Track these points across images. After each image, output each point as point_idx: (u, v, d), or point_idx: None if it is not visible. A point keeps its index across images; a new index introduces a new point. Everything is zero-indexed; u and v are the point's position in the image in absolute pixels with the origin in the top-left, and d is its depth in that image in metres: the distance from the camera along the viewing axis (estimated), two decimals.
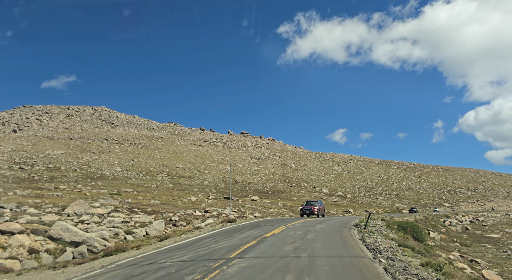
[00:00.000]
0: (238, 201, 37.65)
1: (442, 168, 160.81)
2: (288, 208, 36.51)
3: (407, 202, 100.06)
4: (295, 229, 17.85)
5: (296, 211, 34.83)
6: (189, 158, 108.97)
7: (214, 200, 35.84)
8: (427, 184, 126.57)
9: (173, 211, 21.62)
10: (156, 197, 36.44)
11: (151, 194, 43.10)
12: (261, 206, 34.55)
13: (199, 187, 77.17)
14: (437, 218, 44.74)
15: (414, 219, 33.52)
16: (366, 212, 50.47)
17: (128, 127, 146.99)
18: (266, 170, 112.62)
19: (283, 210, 33.17)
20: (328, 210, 41.78)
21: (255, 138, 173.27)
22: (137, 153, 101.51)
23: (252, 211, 27.69)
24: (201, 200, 32.08)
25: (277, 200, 66.65)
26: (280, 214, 29.19)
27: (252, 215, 24.05)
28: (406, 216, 39.82)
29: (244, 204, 34.16)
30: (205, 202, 31.46)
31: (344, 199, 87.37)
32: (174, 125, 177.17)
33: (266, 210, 31.43)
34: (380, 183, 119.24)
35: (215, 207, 27.37)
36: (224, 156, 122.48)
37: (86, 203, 15.70)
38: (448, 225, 39.90)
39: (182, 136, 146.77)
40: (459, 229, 38.10)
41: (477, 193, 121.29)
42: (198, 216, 20.41)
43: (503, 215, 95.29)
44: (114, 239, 12.07)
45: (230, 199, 23.18)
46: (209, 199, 37.10)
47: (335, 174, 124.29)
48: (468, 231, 35.72)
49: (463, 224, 43.13)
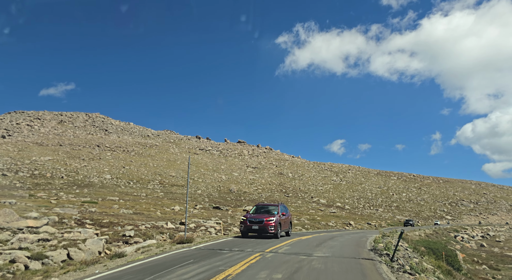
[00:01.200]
0: (228, 211, 34.40)
1: (443, 180, 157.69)
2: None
3: (408, 214, 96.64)
4: (275, 262, 10.34)
5: (293, 223, 31.83)
6: (182, 166, 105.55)
7: (201, 210, 32.61)
8: (428, 195, 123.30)
9: (141, 222, 18.36)
10: (136, 206, 33.25)
11: (133, 203, 39.80)
12: None
13: (191, 196, 73.67)
14: (446, 232, 41.54)
15: (425, 234, 30.62)
16: (369, 224, 46.63)
17: (122, 134, 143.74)
18: (262, 179, 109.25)
19: None
20: (326, 222, 38.46)
21: (252, 147, 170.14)
22: (129, 160, 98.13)
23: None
24: (185, 210, 28.89)
25: None
26: None
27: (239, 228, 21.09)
28: (414, 230, 36.98)
29: (234, 214, 30.92)
30: (190, 212, 28.17)
31: (343, 210, 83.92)
32: (169, 133, 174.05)
33: None
34: (379, 194, 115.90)
35: (200, 217, 24.14)
36: (220, 164, 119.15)
37: (15, 213, 12.60)
38: (460, 241, 36.72)
39: (177, 144, 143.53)
40: (474, 245, 34.89)
41: (479, 206, 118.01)
42: (168, 230, 17.17)
43: (508, 229, 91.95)
44: (2, 271, 8.21)
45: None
46: (196, 208, 33.84)
47: (333, 184, 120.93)
48: (485, 248, 32.51)
49: (475, 239, 39.98)
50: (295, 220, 34.72)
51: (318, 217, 46.43)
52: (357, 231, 30.74)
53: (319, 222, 37.37)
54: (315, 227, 32.12)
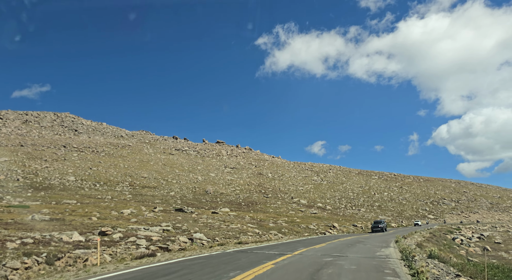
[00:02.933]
0: (192, 213, 29.75)
1: (423, 179, 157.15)
2: (257, 223, 28.84)
3: (390, 214, 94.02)
4: None
5: (266, 226, 27.04)
6: (156, 166, 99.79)
7: (160, 213, 27.85)
8: (410, 194, 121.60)
9: (29, 235, 13.49)
10: (79, 210, 28.22)
11: (81, 206, 34.58)
12: (221, 220, 26.74)
13: (163, 198, 68.35)
14: (443, 234, 38.15)
15: (425, 239, 27.15)
16: (355, 226, 42.73)
17: (94, 134, 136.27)
18: (240, 180, 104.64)
19: (249, 226, 25.49)
20: (307, 225, 34.18)
21: (231, 148, 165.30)
22: (97, 161, 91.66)
23: (202, 228, 19.87)
24: (137, 214, 24.11)
25: (249, 212, 58.75)
26: (240, 232, 21.46)
27: (197, 233, 16.32)
28: (412, 234, 33.95)
29: (198, 218, 26.35)
30: (143, 216, 23.49)
31: (324, 211, 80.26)
32: (145, 134, 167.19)
33: (225, 225, 23.65)
34: (361, 194, 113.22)
35: (148, 222, 19.44)
36: (196, 165, 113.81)
37: None
38: (460, 244, 33.37)
39: (152, 144, 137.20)
40: (478, 249, 31.51)
41: (460, 204, 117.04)
42: (58, 247, 12.24)
43: (491, 227, 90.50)
44: None
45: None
46: (154, 211, 29.03)
47: (314, 184, 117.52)
48: (491, 254, 29.10)
49: (474, 241, 36.82)
50: (271, 223, 30.35)
51: (297, 219, 42.18)
52: (349, 238, 26.97)
53: (298, 225, 33.19)
54: (294, 231, 27.92)
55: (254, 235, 21.26)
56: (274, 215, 47.24)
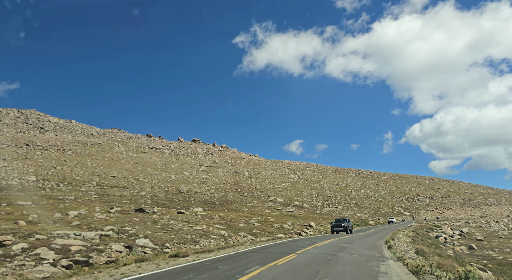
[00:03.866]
0: (154, 214, 26.81)
1: (398, 176, 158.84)
2: (226, 223, 26.23)
3: (367, 211, 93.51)
4: None
5: (236, 226, 24.38)
6: (127, 165, 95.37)
7: (116, 214, 24.87)
8: (385, 191, 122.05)
9: None
10: (16, 212, 24.86)
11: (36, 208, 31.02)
12: (185, 221, 23.96)
13: (132, 198, 64.63)
14: (425, 232, 36.82)
15: (406, 234, 25.43)
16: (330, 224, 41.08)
17: (61, 132, 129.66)
18: (216, 178, 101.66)
19: (216, 227, 22.88)
20: (281, 224, 31.74)
21: (207, 146, 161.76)
22: (62, 160, 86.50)
23: (156, 231, 17.00)
24: (86, 215, 21.08)
25: (223, 211, 56.10)
26: (203, 235, 18.67)
27: (141, 239, 13.57)
28: (397, 233, 31.73)
29: (160, 219, 23.49)
30: (91, 218, 20.45)
31: (301, 209, 78.55)
32: (117, 132, 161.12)
33: (188, 227, 20.88)
34: (338, 191, 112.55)
35: (92, 225, 16.50)
36: (170, 163, 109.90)
37: None
38: (444, 242, 31.93)
39: (124, 143, 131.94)
40: (465, 249, 30.11)
41: (434, 201, 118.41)
42: None
43: (464, 223, 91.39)
44: None
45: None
46: (110, 211, 25.98)
47: (291, 182, 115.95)
48: (478, 253, 27.44)
49: (455, 239, 35.59)
50: (242, 223, 27.71)
51: (272, 218, 39.80)
52: (327, 242, 21.90)
53: (272, 225, 30.81)
54: (266, 232, 25.50)
55: (218, 238, 18.67)
56: (247, 214, 44.77)
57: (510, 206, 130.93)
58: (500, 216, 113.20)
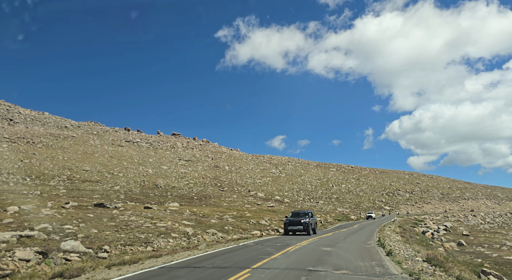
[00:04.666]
0: (115, 209, 24.13)
1: (379, 171, 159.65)
2: (196, 219, 23.81)
3: (348, 206, 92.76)
4: None
5: (207, 223, 21.92)
6: (101, 159, 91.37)
7: (70, 210, 22.16)
8: (366, 186, 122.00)
9: None
10: None
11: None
12: (149, 217, 21.42)
13: (104, 192, 61.28)
14: (411, 227, 35.46)
15: (393, 230, 23.65)
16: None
17: (33, 125, 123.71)
18: (195, 173, 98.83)
19: (183, 223, 20.48)
20: (258, 220, 29.43)
21: (187, 140, 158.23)
22: (31, 153, 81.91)
23: (105, 230, 14.45)
24: (30, 212, 18.28)
25: (201, 206, 53.67)
26: (162, 233, 15.98)
27: (71, 241, 10.94)
28: (383, 229, 29.41)
29: (119, 215, 20.87)
30: (36, 214, 17.71)
31: (281, 204, 76.84)
32: (93, 125, 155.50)
33: (150, 224, 18.36)
34: (319, 186, 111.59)
35: (27, 223, 13.90)
36: (148, 157, 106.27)
37: None
38: (431, 237, 30.65)
39: (100, 136, 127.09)
40: (454, 245, 28.74)
41: (414, 195, 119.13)
42: None
43: (443, 217, 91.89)
44: None
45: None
46: (65, 207, 23.21)
47: (272, 176, 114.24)
48: (468, 249, 25.95)
49: (441, 234, 34.40)
50: (215, 219, 25.21)
51: (248, 213, 37.48)
52: (304, 244, 17.84)
53: (248, 220, 28.58)
54: (240, 229, 23.23)
55: (180, 236, 16.28)
56: (224, 210, 42.47)
57: (486, 200, 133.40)
58: (477, 210, 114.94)
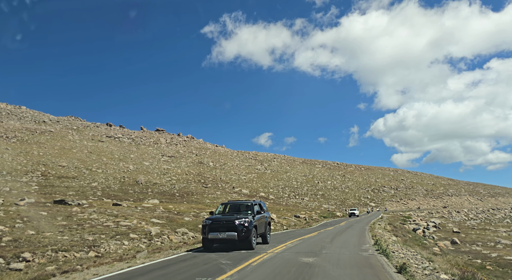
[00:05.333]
0: (76, 207, 21.78)
1: (364, 167, 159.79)
2: (167, 217, 21.69)
3: (334, 202, 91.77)
4: None
5: (179, 221, 19.80)
6: (80, 154, 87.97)
7: (23, 207, 19.83)
8: (352, 183, 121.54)
9: None
10: None
11: None
12: (113, 215, 19.22)
13: (80, 189, 58.42)
14: (401, 224, 34.08)
15: (383, 227, 22.14)
16: (297, 217, 36.43)
17: (8, 119, 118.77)
18: (178, 169, 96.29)
19: (152, 222, 18.42)
20: None
21: (171, 136, 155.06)
22: (4, 148, 78.02)
23: (46, 231, 12.27)
24: None
25: (182, 203, 51.50)
26: (119, 234, 13.82)
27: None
28: (373, 229, 27.26)
29: (79, 212, 18.61)
30: None
31: (266, 200, 75.16)
32: (73, 120, 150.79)
33: (111, 223, 16.22)
34: (305, 183, 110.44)
35: None
36: (129, 153, 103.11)
37: None
38: (422, 235, 29.35)
39: (80, 131, 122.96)
40: (448, 244, 27.45)
41: (399, 192, 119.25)
42: None
43: (427, 213, 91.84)
44: None
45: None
46: (18, 204, 20.88)
47: (257, 173, 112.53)
48: (463, 248, 24.55)
49: (431, 231, 33.18)
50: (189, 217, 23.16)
51: None
52: (285, 247, 15.13)
53: None
54: None
55: (140, 238, 14.20)
56: (204, 206, 40.43)
57: (469, 196, 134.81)
58: (461, 206, 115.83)
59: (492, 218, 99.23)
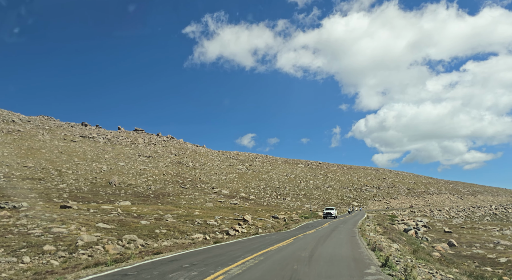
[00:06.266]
0: (10, 210, 18.38)
1: (346, 167, 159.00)
2: (120, 221, 18.49)
3: (316, 202, 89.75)
4: None
5: (133, 225, 16.59)
6: (49, 155, 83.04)
7: None
8: (334, 182, 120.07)
9: None
10: None
11: None
12: (50, 220, 16.00)
13: (44, 191, 54.20)
14: (390, 225, 31.83)
15: (374, 229, 19.66)
16: (275, 218, 33.52)
17: None
18: (156, 169, 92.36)
19: (98, 227, 15.37)
20: (206, 220, 23.46)
21: (150, 136, 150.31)
22: None
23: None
24: None
25: (157, 204, 48.08)
26: (35, 244, 10.89)
27: None
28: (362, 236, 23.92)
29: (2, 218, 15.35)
30: None
31: (246, 201, 72.40)
32: (46, 119, 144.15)
33: (42, 229, 13.22)
34: (287, 182, 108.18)
35: None
36: (103, 153, 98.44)
37: None
38: (414, 236, 27.06)
39: (52, 131, 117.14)
40: (447, 247, 25.08)
41: (381, 191, 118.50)
42: None
43: (410, 212, 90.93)
44: None
45: None
46: None
47: (238, 173, 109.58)
48: (466, 253, 22.40)
49: (421, 231, 31.01)
50: (149, 220, 19.96)
51: (198, 211, 31.97)
52: (246, 262, 11.47)
53: (193, 220, 23.33)
54: (177, 232, 17.76)
55: (58, 250, 11.25)
56: (172, 207, 37.27)
57: (450, 194, 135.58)
58: (442, 205, 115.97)
59: (473, 216, 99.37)
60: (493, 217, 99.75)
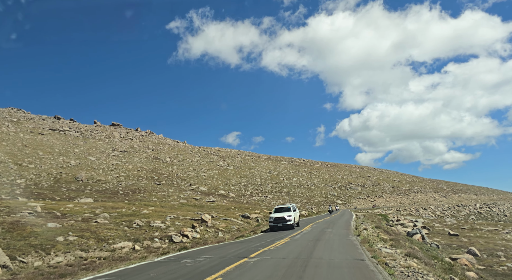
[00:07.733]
0: None
1: (330, 164, 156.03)
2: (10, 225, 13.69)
3: (299, 200, 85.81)
4: None
5: (29, 231, 11.90)
6: (10, 147, 76.36)
7: None
8: (318, 180, 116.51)
9: None
10: None
11: None
12: None
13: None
14: (388, 226, 27.87)
15: (377, 236, 15.44)
16: (245, 218, 28.77)
17: None
18: (130, 165, 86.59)
19: None
20: (151, 221, 17.17)
21: (127, 130, 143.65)
22: None
23: None
24: None
25: (123, 202, 42.92)
26: None
27: None
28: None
29: None
30: None
31: (225, 198, 67.74)
32: (15, 112, 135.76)
33: None
34: (269, 180, 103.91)
35: None
36: (73, 147, 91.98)
37: None
38: (422, 241, 23.27)
39: (19, 123, 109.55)
40: (472, 258, 21.02)
41: (366, 189, 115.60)
42: None
43: (395, 211, 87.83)
44: None
45: None
46: None
47: (219, 169, 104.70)
48: (496, 267, 18.22)
49: (422, 235, 27.05)
50: (79, 220, 15.17)
51: (146, 210, 26.31)
52: None
53: (132, 221, 17.57)
54: (95, 239, 12.97)
55: None
56: (118, 205, 32.21)
57: (434, 193, 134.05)
58: (427, 203, 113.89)
59: (458, 215, 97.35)
60: (478, 216, 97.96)
